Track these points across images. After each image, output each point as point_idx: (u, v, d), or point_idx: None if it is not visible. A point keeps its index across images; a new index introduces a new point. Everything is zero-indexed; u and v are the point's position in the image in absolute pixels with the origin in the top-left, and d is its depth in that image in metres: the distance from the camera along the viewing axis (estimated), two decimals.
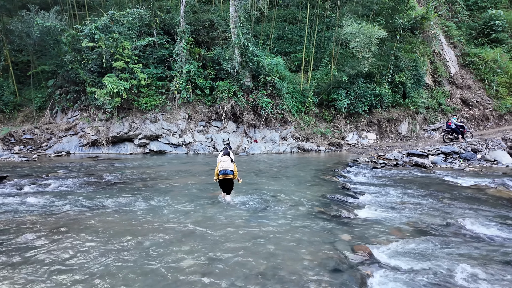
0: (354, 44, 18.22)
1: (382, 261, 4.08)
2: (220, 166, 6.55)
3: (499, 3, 28.09)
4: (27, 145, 17.68)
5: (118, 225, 5.27)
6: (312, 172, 10.72)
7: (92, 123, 17.86)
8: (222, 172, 6.53)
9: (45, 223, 5.34)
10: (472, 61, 24.57)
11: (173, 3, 23.10)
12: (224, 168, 6.51)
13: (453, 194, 7.58)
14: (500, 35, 25.42)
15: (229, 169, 6.52)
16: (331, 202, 6.86)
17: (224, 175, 6.55)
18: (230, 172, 6.54)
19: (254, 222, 5.49)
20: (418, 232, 5.09)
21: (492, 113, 22.29)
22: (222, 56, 18.81)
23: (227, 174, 6.55)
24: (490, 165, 12.01)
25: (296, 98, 20.20)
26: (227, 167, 6.51)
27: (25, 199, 6.93)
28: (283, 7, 26.02)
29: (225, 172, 6.52)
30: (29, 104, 20.08)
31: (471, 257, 4.15)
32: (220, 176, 6.59)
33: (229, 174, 6.55)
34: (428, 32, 23.64)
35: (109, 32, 17.15)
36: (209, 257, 4.09)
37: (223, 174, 6.54)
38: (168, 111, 18.68)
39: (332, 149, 18.82)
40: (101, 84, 17.12)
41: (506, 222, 5.50)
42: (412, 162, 12.55)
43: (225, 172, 6.52)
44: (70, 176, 10.03)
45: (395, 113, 21.07)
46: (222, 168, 6.53)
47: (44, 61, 20.21)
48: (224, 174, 6.54)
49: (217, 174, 6.61)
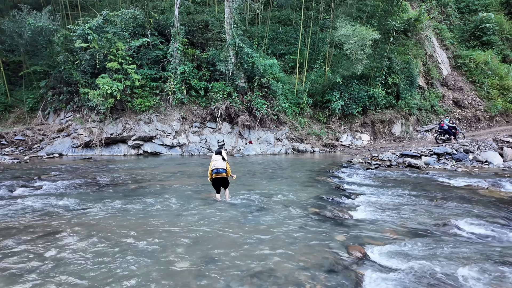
0: (348, 46, 18.35)
1: (376, 262, 4.10)
2: (213, 165, 6.70)
3: (490, 6, 28.61)
4: (19, 146, 17.42)
5: (111, 227, 5.21)
6: (307, 173, 10.75)
7: (85, 124, 17.68)
8: (215, 171, 6.68)
9: (36, 226, 5.26)
10: (464, 63, 24.94)
11: (167, 4, 23.03)
12: (217, 167, 6.66)
13: (446, 194, 7.66)
14: (490, 38, 25.85)
15: (221, 167, 6.66)
16: (326, 203, 6.87)
17: (217, 173, 6.70)
18: (222, 170, 6.68)
19: (249, 223, 5.48)
20: (412, 233, 5.13)
21: (483, 115, 22.63)
22: (217, 57, 18.79)
23: (220, 173, 6.69)
24: (481, 165, 12.17)
25: (290, 99, 20.26)
26: (219, 166, 6.65)
27: (16, 202, 6.83)
28: (277, 9, 26.11)
29: (218, 171, 6.67)
30: (20, 105, 19.80)
31: (464, 257, 4.19)
32: (213, 175, 6.72)
33: (222, 172, 6.69)
34: (421, 34, 23.95)
35: (102, 32, 17.02)
36: (204, 259, 4.06)
37: (216, 173, 6.69)
38: (162, 112, 18.58)
39: (327, 150, 18.90)
40: (94, 85, 16.97)
41: (497, 221, 5.57)
42: (406, 163, 12.66)
43: (218, 171, 6.67)
44: (63, 178, 9.90)
45: (388, 115, 21.26)
46: (215, 167, 6.67)
47: (36, 62, 19.96)
48: (217, 173, 6.68)
49: (210, 173, 6.75)
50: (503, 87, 23.49)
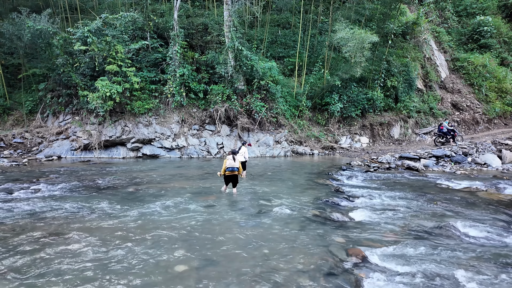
0: (347, 48, 18.41)
1: (376, 264, 4.10)
2: (228, 164, 7.80)
3: (487, 9, 28.80)
4: (17, 149, 17.36)
5: (110, 230, 5.20)
6: (306, 176, 10.75)
7: (84, 127, 17.64)
8: (230, 169, 7.79)
9: (35, 229, 5.24)
10: (462, 66, 25.05)
11: (167, 7, 23.08)
12: (232, 166, 7.79)
13: (445, 196, 7.67)
14: (488, 41, 26.00)
15: (236, 166, 7.82)
16: (325, 205, 6.88)
17: (231, 171, 7.81)
18: (236, 169, 7.83)
19: (249, 226, 5.47)
20: (411, 235, 5.13)
21: (482, 117, 22.70)
22: (216, 60, 18.82)
23: (234, 171, 7.82)
24: (480, 168, 12.20)
25: (289, 102, 20.29)
26: (234, 165, 7.79)
27: (15, 204, 6.80)
28: (276, 12, 26.20)
29: (232, 169, 7.80)
30: (19, 107, 19.76)
31: (464, 259, 4.20)
32: (227, 172, 7.82)
33: (235, 170, 7.83)
34: (419, 38, 24.05)
35: (102, 35, 17.02)
36: (204, 262, 4.05)
37: (230, 170, 7.80)
38: (162, 114, 18.58)
39: (326, 153, 18.92)
40: (94, 87, 16.94)
41: (496, 224, 5.58)
42: (405, 165, 12.68)
43: (232, 169, 7.80)
44: (62, 180, 9.88)
45: (387, 117, 21.30)
46: (230, 165, 7.79)
47: (35, 64, 19.94)
48: (232, 170, 7.80)
49: (224, 170, 7.84)
50: (501, 90, 23.60)
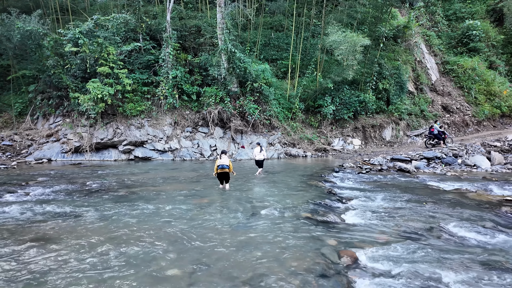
0: (339, 51, 18.58)
1: (367, 266, 4.12)
2: (218, 162, 8.52)
3: (476, 14, 29.41)
4: (6, 152, 17.05)
5: (100, 234, 5.13)
6: (299, 178, 10.77)
7: (75, 129, 17.43)
8: (220, 166, 8.47)
9: (23, 233, 5.14)
10: (452, 69, 25.49)
11: (160, 9, 23.02)
12: (222, 164, 8.47)
13: (435, 198, 7.76)
14: (477, 45, 26.53)
15: (226, 164, 8.49)
16: (318, 207, 6.89)
17: (222, 169, 8.49)
18: (226, 166, 8.49)
19: (241, 229, 5.45)
20: (402, 236, 5.17)
21: (471, 119, 23.10)
22: (209, 62, 18.80)
23: (224, 168, 8.49)
24: (470, 169, 12.38)
25: (282, 104, 20.36)
26: (223, 163, 8.48)
27: (2, 209, 6.66)
28: (269, 15, 26.33)
29: (222, 167, 8.48)
30: (8, 109, 19.42)
31: (454, 260, 4.24)
32: (218, 170, 8.50)
33: (225, 168, 8.50)
34: (410, 41, 24.41)
35: (93, 37, 16.87)
36: (195, 265, 4.02)
37: (221, 168, 8.48)
38: (154, 117, 18.45)
39: (319, 155, 19.00)
40: (85, 89, 16.75)
41: (485, 225, 5.66)
42: (396, 167, 12.80)
43: (222, 167, 8.48)
44: (51, 184, 9.72)
45: (379, 119, 21.52)
46: (220, 163, 8.48)
47: (25, 66, 19.65)
48: (222, 168, 8.48)
49: (216, 169, 8.54)
50: (489, 93, 24.07)
